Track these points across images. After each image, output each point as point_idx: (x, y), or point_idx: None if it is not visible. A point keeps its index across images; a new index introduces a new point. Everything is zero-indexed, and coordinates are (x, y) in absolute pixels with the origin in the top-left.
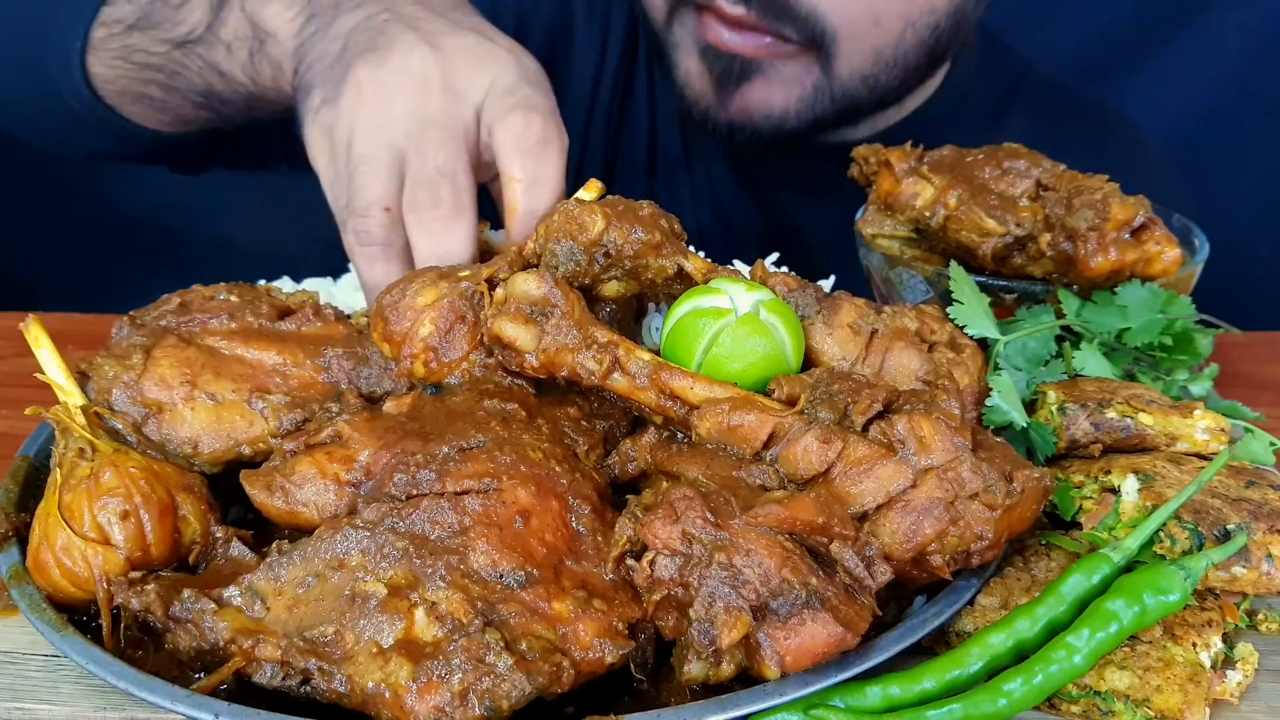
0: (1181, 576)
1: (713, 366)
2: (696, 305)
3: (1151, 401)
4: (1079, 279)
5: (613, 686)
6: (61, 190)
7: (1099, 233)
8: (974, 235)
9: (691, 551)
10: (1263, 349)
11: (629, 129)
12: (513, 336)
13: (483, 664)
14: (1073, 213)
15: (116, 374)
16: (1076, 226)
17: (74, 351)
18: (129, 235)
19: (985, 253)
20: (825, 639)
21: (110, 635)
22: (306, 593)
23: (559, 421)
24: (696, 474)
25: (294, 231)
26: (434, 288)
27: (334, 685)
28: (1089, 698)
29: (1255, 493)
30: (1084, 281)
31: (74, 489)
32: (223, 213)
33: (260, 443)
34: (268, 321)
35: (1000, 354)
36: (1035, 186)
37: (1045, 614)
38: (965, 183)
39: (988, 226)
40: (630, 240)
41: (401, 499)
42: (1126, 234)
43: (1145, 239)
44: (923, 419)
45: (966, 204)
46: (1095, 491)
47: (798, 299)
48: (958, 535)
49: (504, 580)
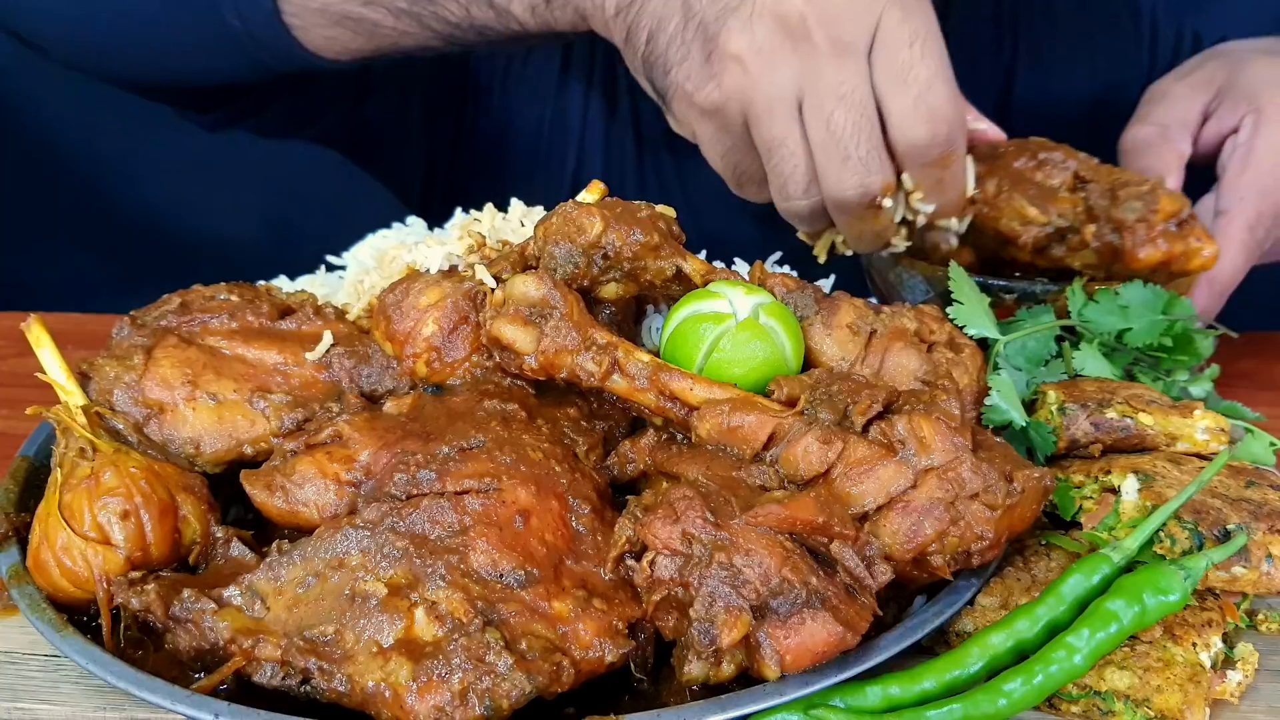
0: (1181, 576)
1: (713, 372)
2: (696, 310)
3: (1151, 401)
4: (1123, 271)
5: (613, 686)
6: (62, 190)
7: (1147, 224)
8: (1015, 224)
9: (691, 551)
10: (1263, 349)
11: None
12: (512, 338)
13: (483, 663)
14: (1119, 204)
15: (118, 374)
16: (1124, 218)
17: (74, 351)
18: (129, 235)
19: (1026, 241)
20: (825, 639)
21: (110, 635)
22: (306, 592)
23: (559, 422)
24: (696, 474)
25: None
26: (437, 287)
27: (334, 685)
28: (1089, 698)
29: (1255, 493)
30: (1128, 274)
31: (74, 489)
32: (223, 212)
33: (262, 442)
34: (268, 321)
35: (1000, 354)
36: (1073, 178)
37: (1045, 614)
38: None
39: (1030, 214)
40: (628, 242)
41: (401, 499)
42: (1173, 226)
43: (1187, 233)
44: (923, 419)
45: (1007, 192)
46: (1095, 491)
47: (796, 300)
48: (958, 535)
49: (504, 580)
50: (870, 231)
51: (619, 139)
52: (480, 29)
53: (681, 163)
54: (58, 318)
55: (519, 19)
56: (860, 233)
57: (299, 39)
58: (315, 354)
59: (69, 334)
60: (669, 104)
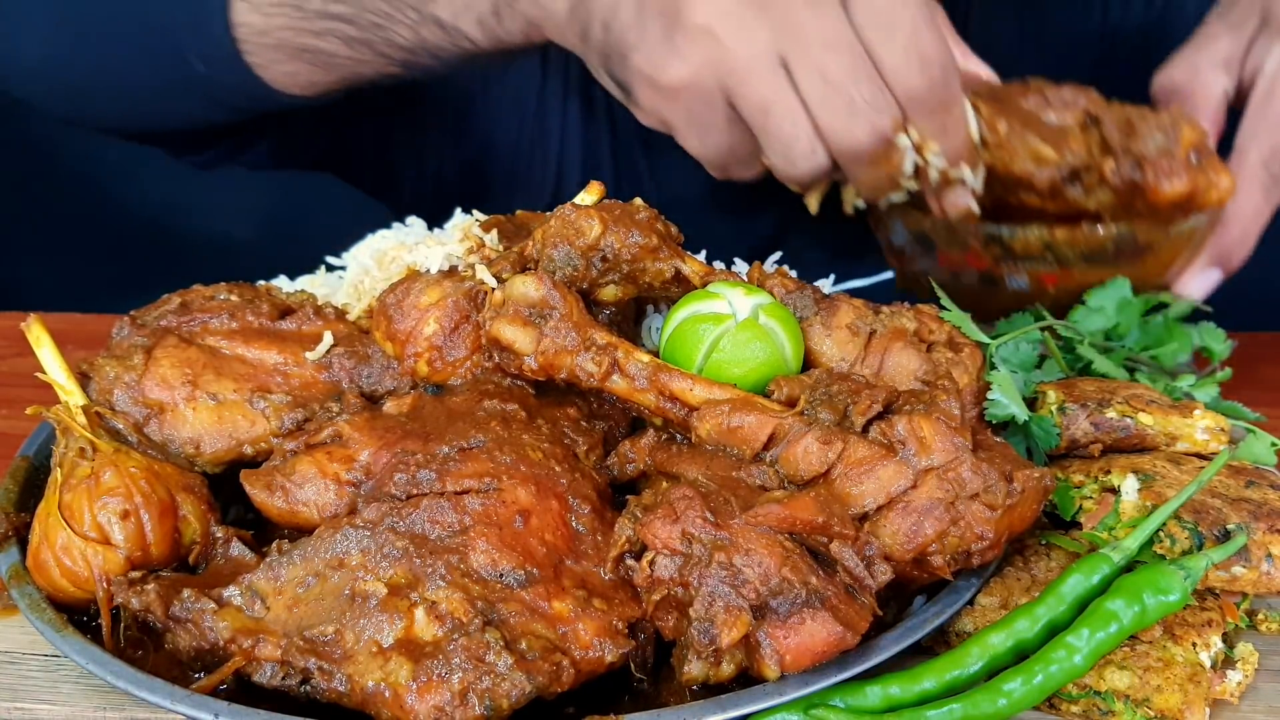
0: (1181, 576)
1: (713, 372)
2: (695, 311)
3: (1151, 401)
4: (1145, 209)
5: (613, 686)
6: (62, 190)
7: (1169, 156)
8: (1029, 164)
9: (691, 551)
10: (1264, 349)
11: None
12: (511, 339)
13: (483, 663)
14: (1137, 138)
15: (118, 374)
16: (1144, 151)
17: (74, 351)
18: (129, 235)
19: (1041, 182)
20: (825, 638)
21: (110, 635)
22: (306, 592)
23: (558, 422)
24: (696, 474)
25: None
26: (437, 287)
27: (334, 685)
28: (1089, 698)
29: (1255, 493)
30: (1149, 211)
31: (74, 489)
32: (223, 212)
33: (263, 442)
34: (268, 321)
35: (994, 355)
36: (1084, 115)
37: (1045, 614)
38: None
39: (1045, 154)
40: (627, 244)
41: (401, 498)
42: (1194, 157)
43: (1206, 165)
44: (923, 419)
45: (1019, 132)
46: (1095, 491)
47: (795, 300)
48: (958, 535)
49: (504, 579)
50: (884, 175)
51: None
52: (433, 51)
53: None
54: (58, 318)
55: (469, 36)
56: (875, 179)
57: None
58: (315, 354)
59: (69, 334)
60: (633, 94)
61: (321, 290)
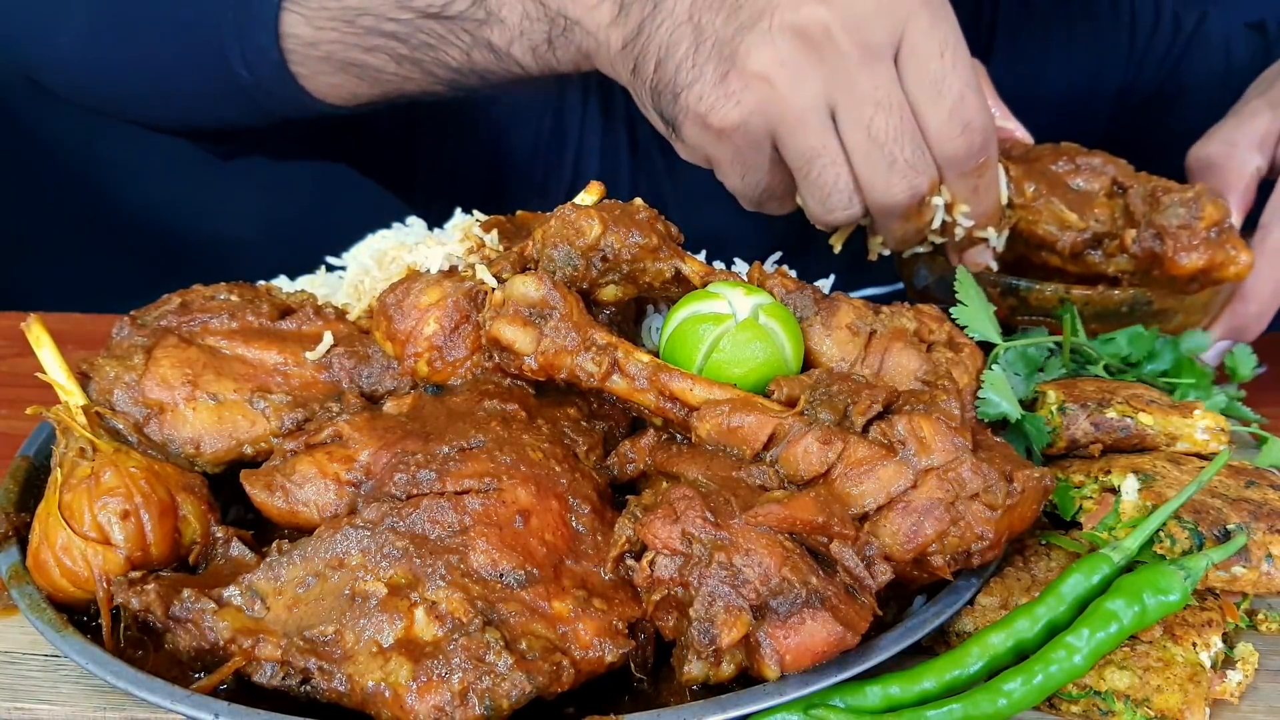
0: (1181, 576)
1: (713, 372)
2: (695, 311)
3: (1151, 401)
4: (1162, 277)
5: (613, 686)
6: (62, 190)
7: (1190, 230)
8: (1053, 228)
9: (691, 551)
10: (1264, 350)
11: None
12: (511, 339)
13: (483, 663)
14: (1160, 210)
15: (118, 374)
16: (1166, 223)
17: (74, 351)
18: (130, 235)
19: (1064, 246)
20: (825, 638)
21: (110, 635)
22: (306, 592)
23: (559, 422)
24: (696, 474)
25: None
26: (437, 287)
27: (334, 685)
28: (1089, 698)
29: (1255, 493)
30: (1167, 280)
31: (74, 489)
32: (223, 212)
33: (263, 442)
34: (268, 321)
35: (1000, 357)
36: (1111, 183)
37: (1045, 614)
38: (1040, 176)
39: (1069, 219)
40: (627, 244)
41: (401, 498)
42: (1213, 233)
43: (1225, 240)
44: (923, 419)
45: (1045, 196)
46: (1095, 491)
47: (795, 301)
48: (958, 535)
49: (504, 579)
50: (913, 229)
51: (613, 140)
52: (482, 73)
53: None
54: (58, 318)
55: (520, 62)
56: (905, 233)
57: (306, 87)
58: (315, 354)
59: (69, 334)
60: (679, 130)
61: (321, 290)
